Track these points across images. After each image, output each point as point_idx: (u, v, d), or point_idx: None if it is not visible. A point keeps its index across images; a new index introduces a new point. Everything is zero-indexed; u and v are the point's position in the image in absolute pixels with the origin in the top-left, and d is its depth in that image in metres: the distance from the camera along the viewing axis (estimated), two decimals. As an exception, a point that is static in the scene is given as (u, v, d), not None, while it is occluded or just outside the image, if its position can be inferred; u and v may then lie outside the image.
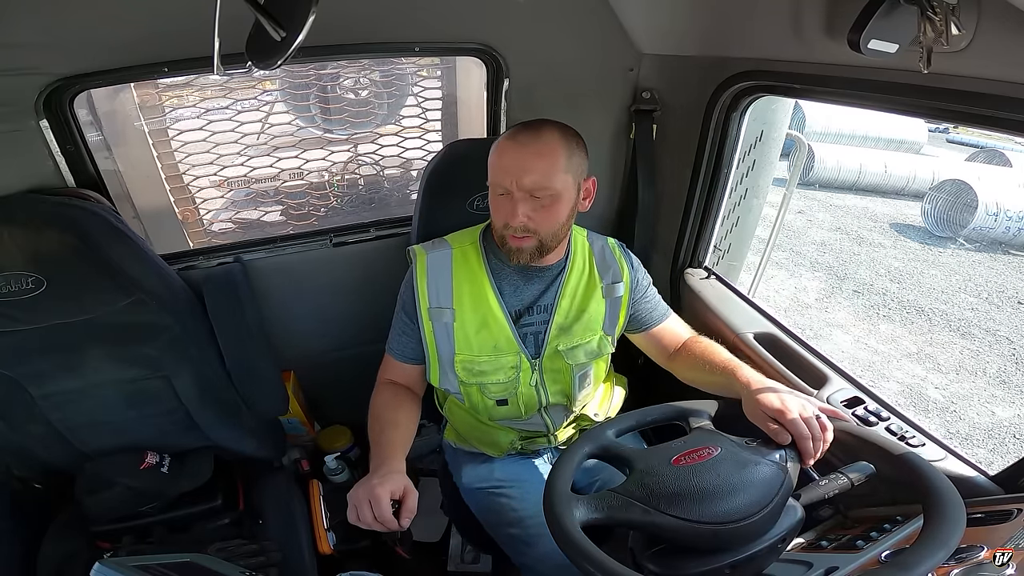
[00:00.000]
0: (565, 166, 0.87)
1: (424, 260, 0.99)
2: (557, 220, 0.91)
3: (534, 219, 0.89)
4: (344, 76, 1.62)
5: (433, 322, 0.98)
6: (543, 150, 0.86)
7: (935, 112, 0.81)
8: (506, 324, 0.99)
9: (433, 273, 0.99)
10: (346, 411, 1.63)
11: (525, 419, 1.08)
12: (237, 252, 1.32)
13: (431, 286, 0.98)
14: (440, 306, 0.98)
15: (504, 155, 0.88)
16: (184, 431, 1.13)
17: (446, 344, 0.99)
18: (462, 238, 1.03)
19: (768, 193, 2.21)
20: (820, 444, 0.74)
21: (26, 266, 0.92)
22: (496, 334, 0.99)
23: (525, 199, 0.87)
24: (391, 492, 0.78)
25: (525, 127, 0.89)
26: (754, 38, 1.03)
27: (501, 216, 0.91)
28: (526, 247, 0.92)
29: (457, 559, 1.51)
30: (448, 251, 1.00)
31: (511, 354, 1.00)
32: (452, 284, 0.98)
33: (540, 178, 0.86)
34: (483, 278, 0.99)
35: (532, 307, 1.01)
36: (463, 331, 0.98)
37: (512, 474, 1.08)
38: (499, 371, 1.01)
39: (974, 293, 4.75)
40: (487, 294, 0.98)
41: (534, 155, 0.86)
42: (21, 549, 1.01)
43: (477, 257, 1.00)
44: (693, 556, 0.64)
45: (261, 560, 0.95)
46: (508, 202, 0.89)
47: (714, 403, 0.83)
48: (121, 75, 1.05)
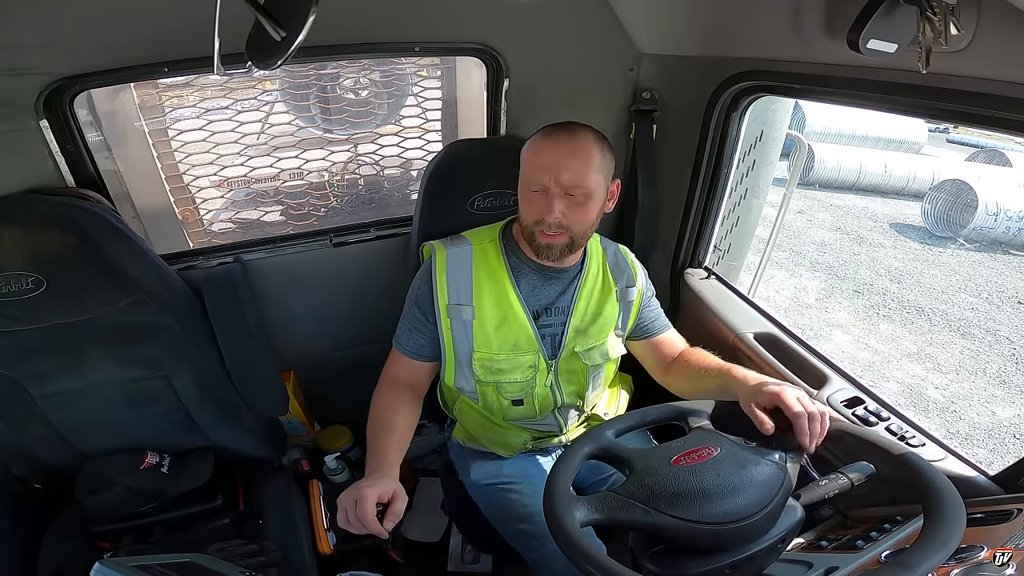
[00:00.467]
0: (598, 166, 0.90)
1: (444, 256, 0.99)
2: (588, 218, 0.92)
3: (568, 216, 0.90)
4: (344, 76, 1.62)
5: (451, 319, 0.98)
6: (579, 150, 0.88)
7: (935, 112, 0.81)
8: (527, 322, 0.99)
9: (453, 269, 0.98)
10: (346, 411, 1.63)
11: (539, 419, 1.08)
12: (237, 252, 1.32)
13: (450, 282, 0.98)
14: (459, 303, 0.98)
15: (542, 153, 0.90)
16: (184, 431, 1.13)
17: (464, 341, 0.99)
18: (481, 235, 1.03)
19: (768, 193, 2.21)
20: (817, 425, 0.73)
21: (26, 266, 0.92)
22: (516, 332, 0.99)
23: (561, 196, 0.89)
24: (379, 495, 0.77)
25: (558, 127, 0.91)
26: (754, 38, 1.03)
27: (535, 212, 0.91)
28: (557, 244, 0.93)
29: (457, 559, 1.50)
30: (468, 247, 1.01)
31: (530, 353, 1.01)
32: (472, 281, 0.98)
33: (576, 176, 0.88)
34: (504, 275, 0.99)
35: (550, 308, 1.02)
36: (482, 328, 0.98)
37: (521, 470, 1.08)
38: (517, 370, 1.01)
39: (974, 293, 4.75)
40: (508, 291, 0.98)
41: (570, 154, 0.88)
42: (21, 549, 1.01)
43: (497, 254, 1.00)
44: (693, 556, 0.64)
45: (261, 560, 0.95)
46: (543, 199, 0.90)
47: (712, 403, 0.83)
48: (121, 75, 1.05)
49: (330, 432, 1.65)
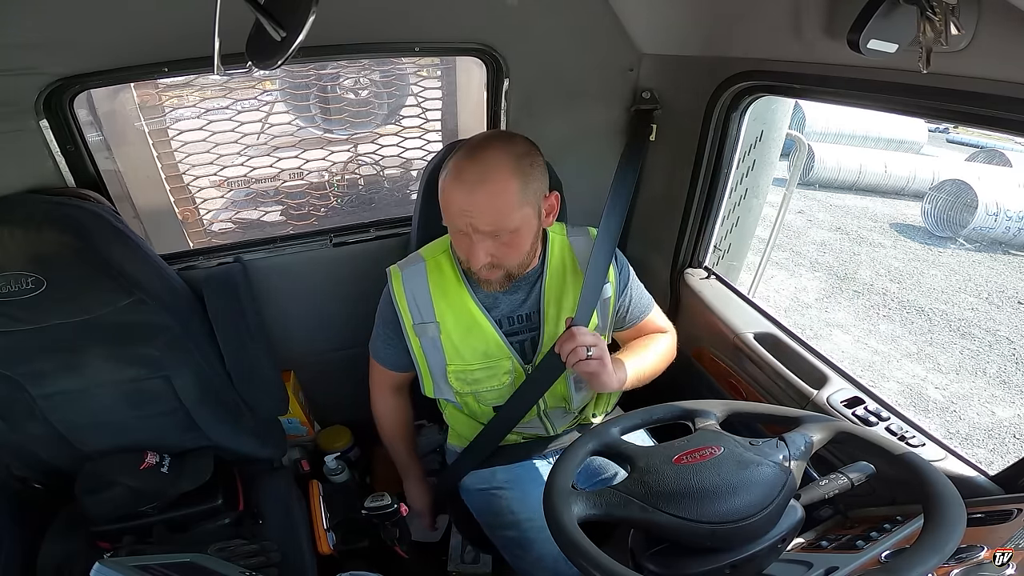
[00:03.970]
0: (520, 199, 0.82)
1: (399, 277, 0.98)
2: (521, 251, 0.89)
3: (497, 256, 0.87)
4: (344, 76, 1.62)
5: (420, 337, 0.98)
6: (493, 189, 0.80)
7: (935, 112, 0.81)
8: (492, 330, 0.98)
9: (411, 289, 0.97)
10: (346, 411, 1.63)
11: (526, 423, 1.08)
12: (237, 252, 1.32)
13: (411, 303, 0.97)
14: (424, 321, 0.97)
15: (454, 197, 0.82)
16: (184, 431, 1.13)
17: (436, 356, 0.99)
18: (434, 249, 1.01)
19: (768, 193, 2.21)
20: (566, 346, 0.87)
21: (26, 266, 0.92)
22: (484, 340, 0.98)
23: (484, 239, 0.84)
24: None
25: (469, 159, 0.82)
26: (754, 38, 1.03)
27: (463, 252, 0.89)
28: (495, 278, 0.91)
29: (457, 559, 1.50)
30: (422, 264, 0.99)
31: (504, 359, 1.00)
32: (431, 297, 0.97)
33: (495, 220, 0.82)
34: (460, 286, 0.97)
35: (513, 316, 1.01)
36: (450, 341, 0.97)
37: (514, 476, 1.08)
38: (493, 378, 1.01)
39: (974, 293, 4.75)
40: (467, 301, 0.97)
41: (485, 197, 0.80)
42: (21, 549, 1.01)
43: (451, 266, 0.98)
44: (693, 556, 0.64)
45: (261, 560, 0.95)
46: (468, 240, 0.85)
47: (721, 403, 0.82)
48: (121, 75, 1.05)
49: (330, 432, 1.65)
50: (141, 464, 1.05)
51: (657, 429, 0.92)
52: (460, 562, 1.50)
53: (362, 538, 1.23)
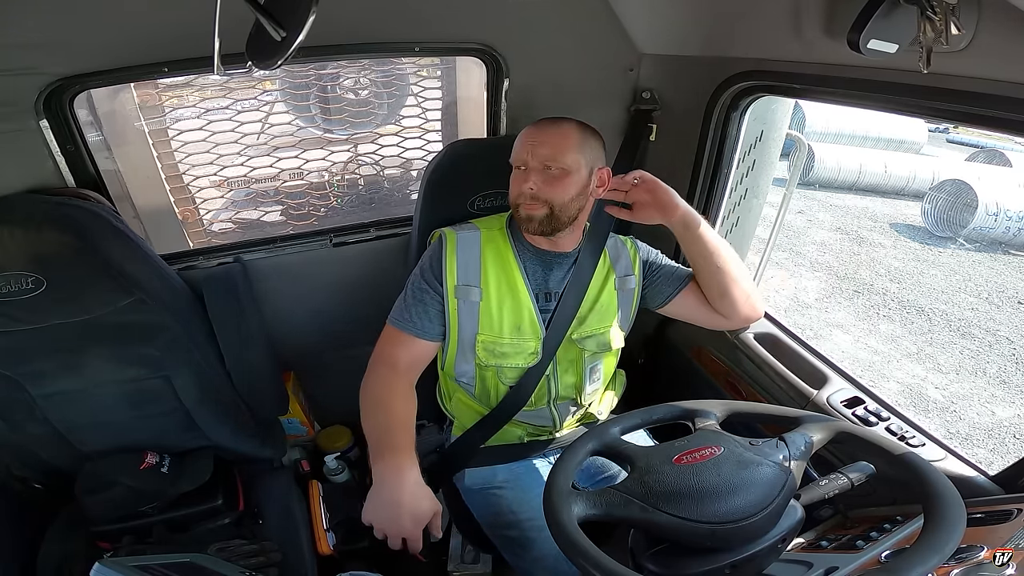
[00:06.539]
0: (577, 146, 0.94)
1: (454, 238, 1.02)
2: (566, 192, 0.95)
3: (544, 188, 0.94)
4: (344, 76, 1.62)
5: (459, 300, 1.00)
6: (559, 129, 0.96)
7: (935, 112, 0.81)
8: (530, 303, 1.01)
9: (462, 251, 1.01)
10: (346, 411, 1.62)
11: (534, 410, 1.09)
12: (237, 252, 1.32)
13: (460, 263, 1.01)
14: (468, 283, 1.00)
15: (526, 134, 0.98)
16: (184, 431, 1.13)
17: (469, 323, 1.01)
18: (490, 222, 1.07)
19: (768, 193, 2.21)
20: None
21: (26, 266, 0.92)
22: (520, 312, 1.01)
23: (537, 170, 0.94)
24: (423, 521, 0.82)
25: (545, 119, 0.98)
26: (754, 38, 1.03)
27: (516, 187, 0.97)
28: (536, 215, 0.95)
29: (457, 559, 1.50)
30: (477, 233, 1.04)
31: (532, 339, 1.02)
32: (480, 262, 1.01)
33: (552, 150, 0.93)
34: (510, 257, 1.02)
35: (551, 293, 1.04)
36: (488, 309, 1.00)
37: (514, 476, 1.08)
38: (519, 355, 1.03)
39: (974, 293, 4.76)
40: (514, 271, 1.01)
41: (550, 131, 0.95)
42: (21, 549, 1.01)
43: (504, 239, 1.04)
44: (693, 556, 0.64)
45: (261, 560, 0.95)
46: (523, 175, 0.96)
47: (721, 403, 0.82)
48: (121, 75, 1.05)
49: (330, 432, 1.65)
50: (141, 464, 1.05)
51: (657, 429, 0.92)
52: (460, 562, 1.50)
53: (362, 538, 1.23)
